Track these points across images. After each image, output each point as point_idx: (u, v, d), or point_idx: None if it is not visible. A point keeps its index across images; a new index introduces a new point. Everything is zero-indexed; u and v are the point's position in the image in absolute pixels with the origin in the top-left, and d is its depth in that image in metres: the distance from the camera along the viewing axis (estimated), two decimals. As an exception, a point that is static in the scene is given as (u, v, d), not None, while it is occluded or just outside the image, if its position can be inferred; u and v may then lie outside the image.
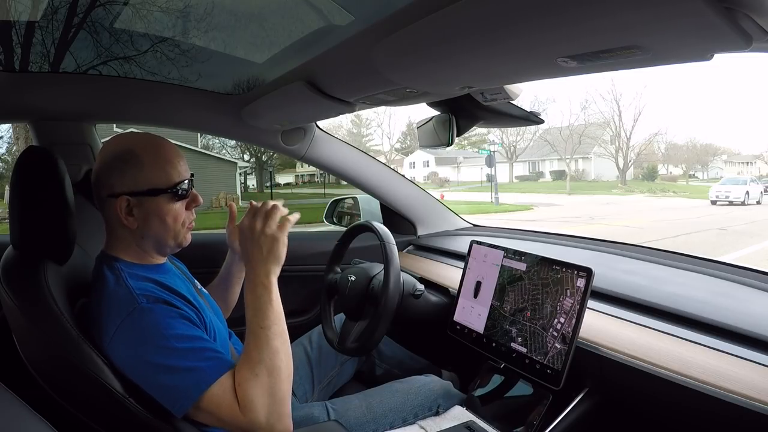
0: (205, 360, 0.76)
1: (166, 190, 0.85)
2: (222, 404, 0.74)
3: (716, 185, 17.33)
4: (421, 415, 1.08)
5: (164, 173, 0.85)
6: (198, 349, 0.76)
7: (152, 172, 0.84)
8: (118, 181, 0.84)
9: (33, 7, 1.05)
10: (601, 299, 1.02)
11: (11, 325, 0.85)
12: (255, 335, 0.78)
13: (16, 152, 12.80)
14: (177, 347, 0.75)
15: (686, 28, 0.49)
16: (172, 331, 0.76)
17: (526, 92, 1.00)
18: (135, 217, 0.84)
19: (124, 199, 0.83)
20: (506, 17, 0.56)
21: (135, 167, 0.84)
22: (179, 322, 0.77)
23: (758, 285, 0.99)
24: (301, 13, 1.04)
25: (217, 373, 0.75)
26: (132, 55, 1.22)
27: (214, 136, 17.03)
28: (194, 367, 0.75)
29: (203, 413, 0.75)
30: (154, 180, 0.84)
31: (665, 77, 48.71)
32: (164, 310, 0.78)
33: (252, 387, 0.75)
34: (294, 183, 27.86)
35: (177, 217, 0.87)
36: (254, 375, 0.75)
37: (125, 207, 0.84)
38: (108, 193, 0.85)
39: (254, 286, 0.81)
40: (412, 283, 1.24)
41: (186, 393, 0.74)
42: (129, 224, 0.84)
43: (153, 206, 0.85)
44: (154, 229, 0.86)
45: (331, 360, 1.30)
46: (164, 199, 0.85)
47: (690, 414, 0.79)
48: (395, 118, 38.22)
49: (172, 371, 0.74)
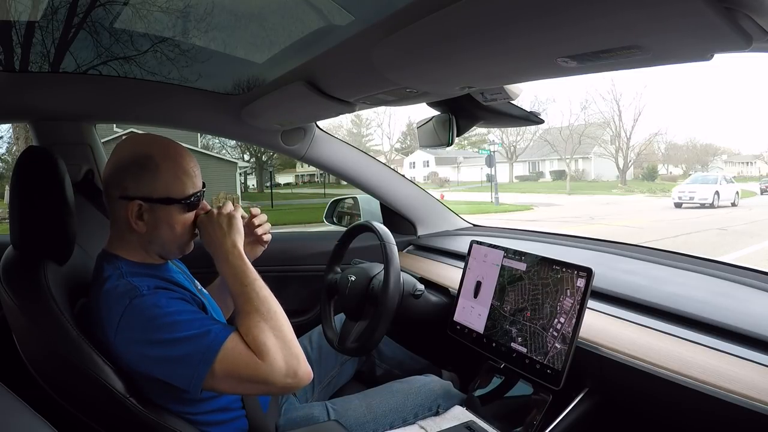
0: (211, 325, 0.78)
1: (180, 201, 0.86)
2: (239, 358, 0.76)
3: (682, 184, 15.53)
4: (421, 415, 1.08)
5: (180, 184, 0.86)
6: (201, 319, 0.79)
7: (169, 182, 0.85)
8: (132, 185, 0.84)
9: (33, 7, 1.05)
10: (601, 299, 1.02)
11: (11, 325, 0.85)
12: (241, 294, 0.82)
13: (16, 152, 12.80)
14: (182, 320, 0.77)
15: (686, 28, 0.49)
16: (174, 308, 0.78)
17: (526, 92, 1.00)
18: (145, 222, 0.85)
19: (137, 204, 0.83)
20: (506, 17, 0.56)
21: (152, 174, 0.84)
22: (180, 303, 0.80)
23: (758, 285, 0.99)
24: (301, 13, 1.04)
25: (224, 333, 0.77)
26: (132, 55, 1.22)
27: (214, 136, 17.04)
28: (203, 333, 0.76)
29: (221, 378, 0.76)
30: (170, 189, 0.85)
31: (665, 77, 48.65)
32: (165, 293, 0.80)
33: (259, 333, 0.78)
34: (294, 183, 27.85)
35: (185, 225, 0.88)
36: (256, 323, 0.79)
37: (136, 211, 0.84)
38: (121, 194, 0.84)
39: (225, 258, 0.85)
40: (412, 283, 1.24)
41: (202, 357, 0.75)
42: (138, 228, 0.84)
43: (164, 214, 0.85)
44: (162, 236, 0.87)
45: (331, 360, 1.30)
46: (176, 209, 0.86)
47: (690, 414, 0.79)
48: (395, 118, 38.24)
49: (183, 342, 0.76)
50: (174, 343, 0.76)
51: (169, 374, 0.77)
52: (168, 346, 0.76)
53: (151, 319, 0.77)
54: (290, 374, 0.77)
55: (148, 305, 0.78)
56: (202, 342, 0.76)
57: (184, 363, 0.75)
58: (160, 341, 0.76)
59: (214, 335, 0.76)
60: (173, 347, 0.76)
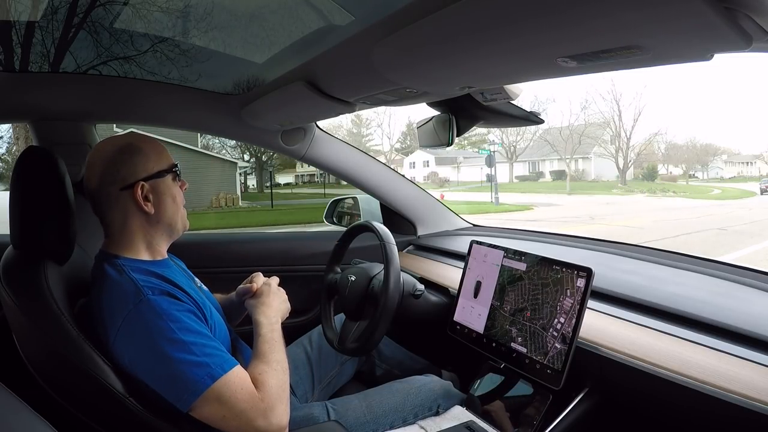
0: (211, 356, 0.77)
1: (170, 171, 0.91)
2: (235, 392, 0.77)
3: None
4: (421, 415, 1.08)
5: (162, 157, 0.91)
6: (204, 345, 0.78)
7: (154, 157, 0.90)
8: (129, 171, 0.87)
9: (33, 7, 1.05)
10: (601, 299, 1.02)
11: (11, 325, 0.85)
12: (266, 363, 0.86)
13: (16, 152, 12.79)
14: (184, 340, 0.76)
15: (686, 28, 0.49)
16: (178, 324, 0.77)
17: (526, 92, 1.00)
18: (152, 202, 0.88)
19: (140, 184, 0.87)
20: (506, 17, 0.56)
21: (140, 155, 0.88)
22: (185, 315, 0.79)
23: (758, 285, 0.99)
24: (301, 13, 1.04)
25: (222, 369, 0.77)
26: (132, 55, 1.22)
27: (214, 136, 17.03)
28: (202, 362, 0.76)
29: (208, 408, 0.76)
30: (159, 164, 0.90)
31: (665, 77, 48.70)
32: (170, 302, 0.80)
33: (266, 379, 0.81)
34: (294, 183, 27.83)
35: (180, 198, 0.94)
36: (261, 372, 0.83)
37: (143, 193, 0.87)
38: (121, 186, 0.86)
39: (272, 330, 0.92)
40: (412, 283, 1.24)
41: (194, 386, 0.75)
42: (148, 210, 0.88)
43: (164, 187, 0.90)
44: (168, 211, 0.91)
45: (331, 360, 1.30)
46: (170, 179, 0.91)
47: (690, 414, 0.79)
48: (395, 118, 38.16)
49: (180, 363, 0.75)
50: (171, 361, 0.75)
51: (158, 386, 0.77)
52: (165, 362, 0.75)
53: (154, 332, 0.76)
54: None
55: (153, 316, 0.77)
56: (196, 372, 0.75)
57: (175, 383, 0.75)
58: (158, 355, 0.75)
59: (212, 370, 0.76)
60: (169, 365, 0.75)
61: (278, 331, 0.93)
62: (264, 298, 0.98)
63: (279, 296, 1.02)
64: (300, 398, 1.20)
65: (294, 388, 1.20)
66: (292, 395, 1.16)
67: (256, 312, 0.95)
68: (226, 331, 0.95)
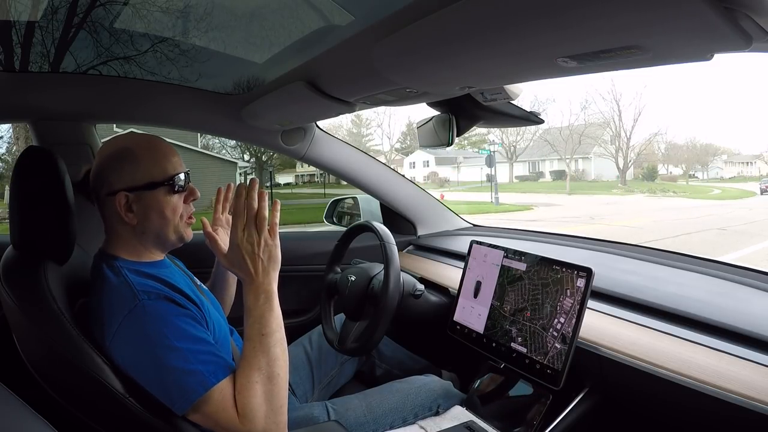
0: (205, 363, 0.76)
1: (164, 183, 0.86)
2: (220, 410, 0.75)
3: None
4: (421, 415, 1.08)
5: (160, 167, 0.87)
6: (198, 351, 0.76)
7: (149, 167, 0.86)
8: (115, 178, 0.85)
9: (33, 7, 1.05)
10: (601, 299, 1.02)
11: (11, 325, 0.85)
12: (255, 342, 0.79)
13: (16, 152, 12.80)
14: (178, 347, 0.75)
15: (686, 29, 0.49)
16: (173, 330, 0.76)
17: (526, 92, 1.00)
18: (134, 213, 0.85)
19: (123, 195, 0.84)
20: (506, 18, 0.56)
21: (132, 163, 0.85)
22: (181, 320, 0.78)
23: (758, 285, 0.99)
24: (301, 13, 1.04)
25: (216, 377, 0.75)
26: (132, 55, 1.22)
27: (214, 136, 17.03)
28: (194, 370, 0.75)
29: (200, 416, 0.75)
30: (151, 174, 0.86)
31: (665, 77, 48.69)
32: (166, 307, 0.78)
33: (251, 395, 0.75)
34: (294, 183, 27.83)
35: (175, 210, 0.88)
36: (254, 382, 0.76)
37: (124, 203, 0.84)
38: (107, 191, 0.86)
39: (257, 295, 0.81)
40: (412, 283, 1.24)
41: (185, 395, 0.74)
42: (129, 220, 0.85)
43: (151, 200, 0.86)
44: (153, 224, 0.87)
45: (331, 360, 1.30)
46: (162, 192, 0.87)
47: (690, 414, 0.79)
48: (395, 118, 38.21)
49: (173, 371, 0.74)
50: (165, 369, 0.74)
51: (154, 389, 0.76)
52: (158, 370, 0.75)
53: (148, 339, 0.75)
54: None
55: (148, 322, 0.76)
56: (190, 380, 0.74)
57: (170, 390, 0.75)
58: (152, 362, 0.75)
59: (204, 378, 0.74)
60: (163, 372, 0.75)
61: (266, 317, 0.79)
62: (245, 255, 0.80)
63: (267, 248, 0.81)
64: (300, 398, 1.20)
65: (294, 388, 1.20)
66: (292, 395, 1.16)
67: (244, 287, 0.82)
68: (226, 330, 0.95)
